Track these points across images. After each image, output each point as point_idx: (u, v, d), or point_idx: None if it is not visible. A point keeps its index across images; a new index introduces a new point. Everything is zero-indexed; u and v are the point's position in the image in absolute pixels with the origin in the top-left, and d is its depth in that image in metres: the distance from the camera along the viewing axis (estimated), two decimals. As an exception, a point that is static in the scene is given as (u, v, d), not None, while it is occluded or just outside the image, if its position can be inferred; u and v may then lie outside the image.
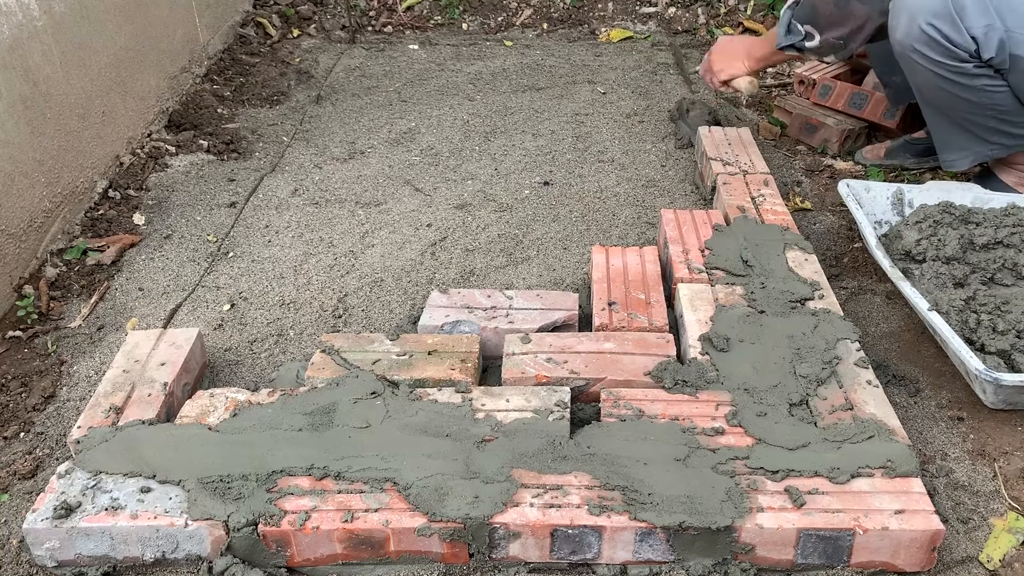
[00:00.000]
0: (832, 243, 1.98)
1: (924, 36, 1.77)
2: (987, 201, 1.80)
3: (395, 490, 1.20)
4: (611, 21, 3.37)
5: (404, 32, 3.33)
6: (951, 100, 1.86)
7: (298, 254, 1.96)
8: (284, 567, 1.20)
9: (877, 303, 1.78)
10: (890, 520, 1.15)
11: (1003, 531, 1.26)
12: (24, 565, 1.23)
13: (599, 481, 1.21)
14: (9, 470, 1.40)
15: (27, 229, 1.84)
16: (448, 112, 2.65)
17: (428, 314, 1.62)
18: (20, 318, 1.74)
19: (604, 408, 1.35)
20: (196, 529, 1.17)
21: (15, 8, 1.82)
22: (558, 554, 1.18)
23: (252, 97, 2.75)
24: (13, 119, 1.80)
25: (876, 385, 1.39)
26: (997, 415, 1.48)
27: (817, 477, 1.22)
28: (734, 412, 1.33)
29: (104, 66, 2.18)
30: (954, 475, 1.36)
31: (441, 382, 1.43)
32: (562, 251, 1.95)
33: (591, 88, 2.82)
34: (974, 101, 1.84)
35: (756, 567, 1.18)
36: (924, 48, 1.78)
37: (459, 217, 2.09)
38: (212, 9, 2.90)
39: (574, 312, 1.61)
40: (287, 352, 1.65)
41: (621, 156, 2.38)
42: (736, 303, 1.58)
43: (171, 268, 1.92)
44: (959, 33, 1.74)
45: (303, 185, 2.25)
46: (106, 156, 2.18)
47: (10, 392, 1.56)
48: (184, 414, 1.36)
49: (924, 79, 1.86)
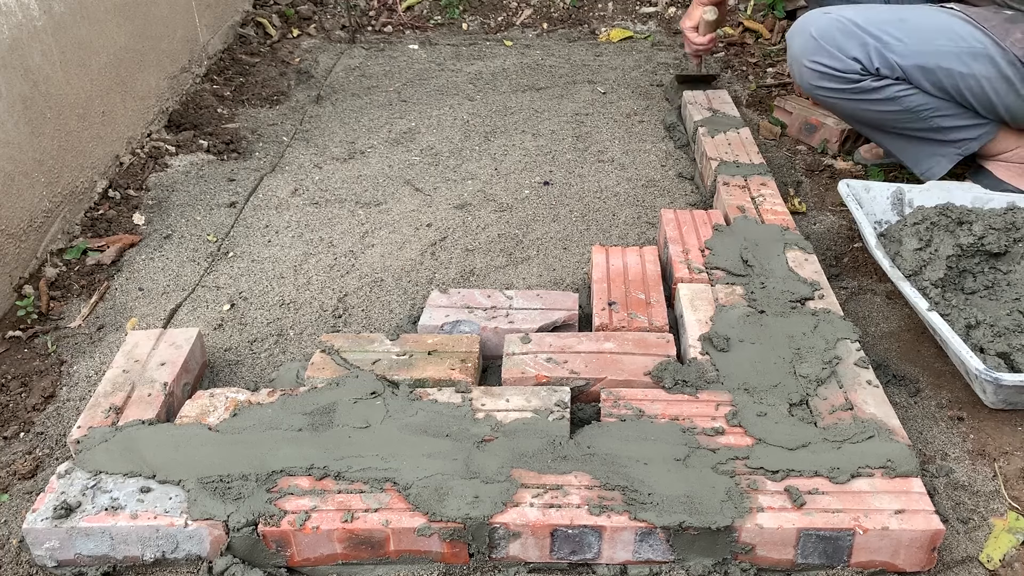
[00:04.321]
0: (832, 243, 1.98)
1: (813, 73, 1.95)
2: (987, 201, 1.80)
3: (395, 490, 1.20)
4: (611, 21, 3.37)
5: (404, 32, 3.33)
6: (880, 117, 1.97)
7: (298, 254, 1.96)
8: (284, 567, 1.20)
9: (877, 303, 1.78)
10: (890, 520, 1.15)
11: (1003, 531, 1.26)
12: (24, 565, 1.23)
13: (599, 481, 1.21)
14: (9, 470, 1.40)
15: (27, 229, 1.84)
16: (448, 112, 2.65)
17: (428, 314, 1.62)
18: (20, 318, 1.74)
19: (604, 408, 1.35)
20: (196, 529, 1.17)
21: (15, 8, 1.82)
22: (558, 554, 1.18)
23: (252, 97, 2.75)
24: (13, 119, 1.80)
25: (876, 385, 1.39)
26: (997, 415, 1.48)
27: (817, 477, 1.22)
28: (734, 412, 1.33)
29: (104, 66, 2.18)
30: (954, 475, 1.36)
31: (441, 382, 1.43)
32: (562, 251, 1.95)
33: (591, 88, 2.82)
34: (899, 110, 1.92)
35: (756, 567, 1.18)
36: (819, 82, 1.95)
37: (459, 217, 2.09)
38: (212, 9, 2.90)
39: (574, 312, 1.61)
40: (287, 352, 1.65)
41: (621, 156, 2.38)
42: (736, 303, 1.58)
43: (171, 268, 1.92)
44: (839, 60, 1.90)
45: (303, 185, 2.25)
46: (106, 156, 2.18)
47: (10, 392, 1.56)
48: (184, 414, 1.36)
49: (841, 108, 2.02)
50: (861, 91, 1.92)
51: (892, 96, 1.90)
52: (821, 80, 1.94)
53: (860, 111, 1.98)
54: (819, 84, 1.95)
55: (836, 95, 1.95)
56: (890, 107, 1.92)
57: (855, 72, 1.89)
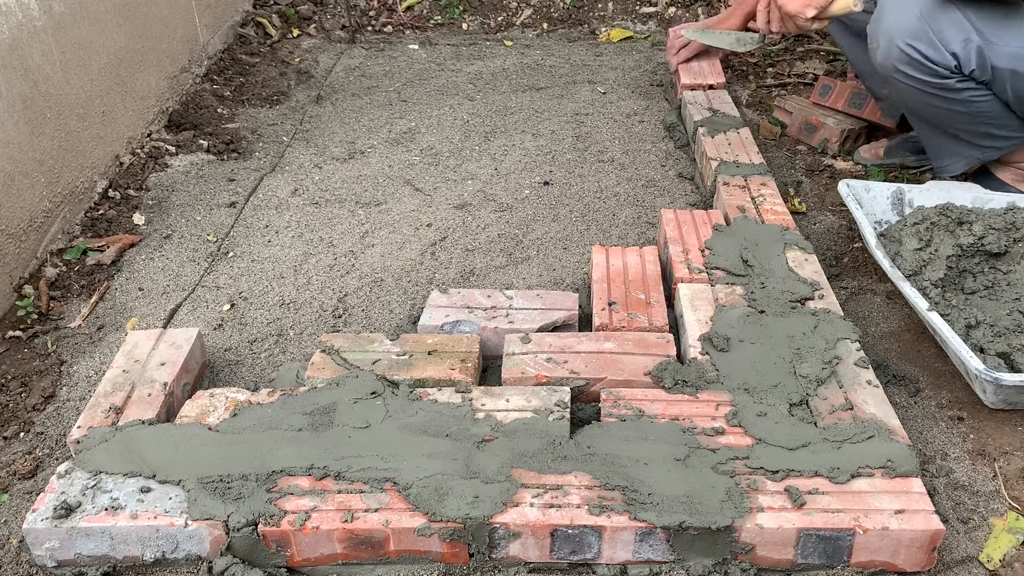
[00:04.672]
0: (832, 243, 1.98)
1: (905, 57, 1.78)
2: (987, 201, 1.80)
3: (395, 490, 1.20)
4: (611, 21, 3.37)
5: (404, 32, 3.33)
6: (939, 113, 1.88)
7: (298, 254, 1.96)
8: (284, 567, 1.20)
9: (877, 303, 1.78)
10: (890, 520, 1.15)
11: (1003, 531, 1.26)
12: (24, 565, 1.23)
13: (599, 481, 1.21)
14: (9, 470, 1.40)
15: (27, 229, 1.84)
16: (448, 112, 2.65)
17: (428, 314, 1.62)
18: (20, 318, 1.74)
19: (604, 408, 1.35)
20: (196, 529, 1.17)
21: (15, 8, 1.82)
22: (558, 554, 1.18)
23: (252, 97, 2.75)
24: (13, 119, 1.80)
25: (876, 385, 1.39)
26: (997, 415, 1.48)
27: (817, 477, 1.22)
28: (734, 412, 1.33)
29: (104, 66, 2.18)
30: (954, 475, 1.36)
31: (441, 382, 1.43)
32: (562, 251, 1.95)
33: (591, 88, 2.82)
34: (961, 112, 1.84)
35: (756, 567, 1.18)
36: (906, 68, 1.79)
37: (459, 217, 2.09)
38: (212, 9, 2.90)
39: (574, 312, 1.61)
40: (287, 352, 1.65)
41: (621, 156, 2.38)
42: (736, 303, 1.58)
43: (171, 268, 1.92)
44: (937, 52, 1.74)
45: (303, 185, 2.25)
46: (106, 156, 2.18)
47: (10, 392, 1.56)
48: (184, 414, 1.36)
49: (910, 96, 1.88)
50: (939, 87, 1.79)
51: (964, 99, 1.81)
52: (909, 67, 1.78)
53: (926, 103, 1.86)
54: (905, 70, 1.79)
55: (915, 84, 1.81)
56: (957, 108, 1.83)
57: (948, 68, 1.75)
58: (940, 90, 1.80)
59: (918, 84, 1.81)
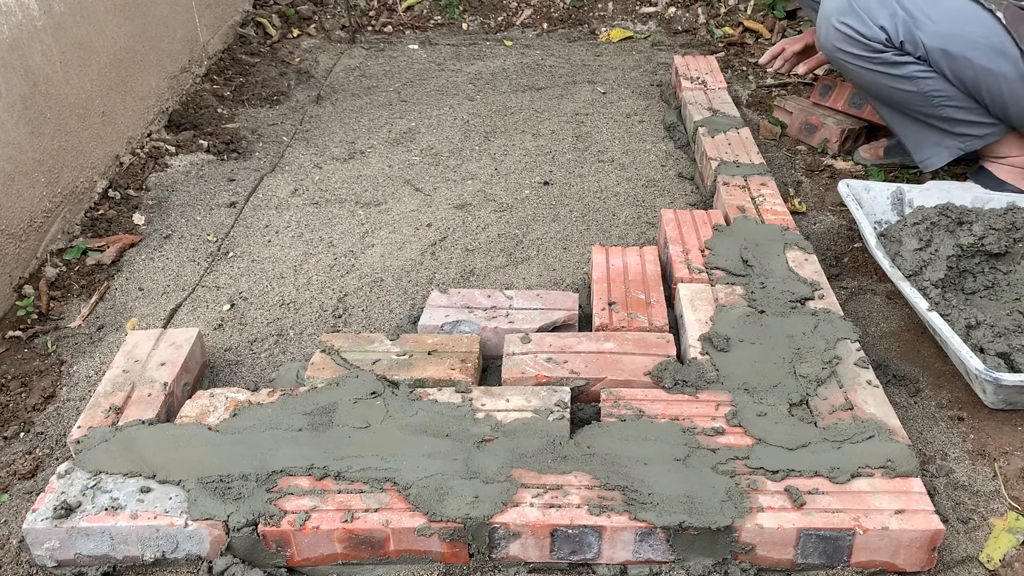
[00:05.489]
0: (832, 243, 1.98)
1: (839, 35, 1.95)
2: (987, 201, 1.80)
3: (395, 490, 1.20)
4: (611, 21, 3.37)
5: (404, 32, 3.33)
6: (892, 94, 1.98)
7: (298, 254, 1.96)
8: (284, 567, 1.20)
9: (877, 303, 1.78)
10: (890, 520, 1.15)
11: (1003, 531, 1.26)
12: (24, 565, 1.23)
13: (599, 481, 1.21)
14: (9, 470, 1.40)
15: (27, 229, 1.84)
16: (448, 112, 2.65)
17: (428, 314, 1.62)
18: (20, 318, 1.74)
19: (604, 408, 1.35)
20: (196, 529, 1.17)
21: (15, 8, 1.82)
22: (558, 554, 1.18)
23: (252, 97, 2.75)
24: (13, 119, 1.80)
25: (876, 385, 1.39)
26: (997, 415, 1.48)
27: (817, 477, 1.22)
28: (734, 412, 1.33)
29: (104, 66, 2.18)
30: (954, 475, 1.36)
31: (441, 382, 1.43)
32: (562, 251, 1.95)
33: (591, 88, 2.82)
34: (913, 91, 1.93)
35: (756, 567, 1.18)
36: (843, 45, 1.95)
37: (459, 217, 2.09)
38: (212, 9, 2.90)
39: (574, 312, 1.61)
40: (287, 352, 1.65)
41: (621, 156, 2.38)
42: (736, 303, 1.58)
43: (171, 268, 1.92)
44: (867, 26, 1.90)
45: (303, 185, 2.25)
46: (106, 156, 2.18)
47: (10, 392, 1.56)
48: (184, 414, 1.36)
49: (858, 76, 2.01)
50: (881, 63, 1.92)
51: (910, 75, 1.91)
52: (845, 43, 1.94)
53: (876, 84, 1.98)
54: (842, 47, 1.95)
55: (856, 62, 1.95)
56: (905, 86, 1.93)
57: (879, 41, 1.89)
58: (882, 65, 1.93)
59: (859, 61, 1.95)
